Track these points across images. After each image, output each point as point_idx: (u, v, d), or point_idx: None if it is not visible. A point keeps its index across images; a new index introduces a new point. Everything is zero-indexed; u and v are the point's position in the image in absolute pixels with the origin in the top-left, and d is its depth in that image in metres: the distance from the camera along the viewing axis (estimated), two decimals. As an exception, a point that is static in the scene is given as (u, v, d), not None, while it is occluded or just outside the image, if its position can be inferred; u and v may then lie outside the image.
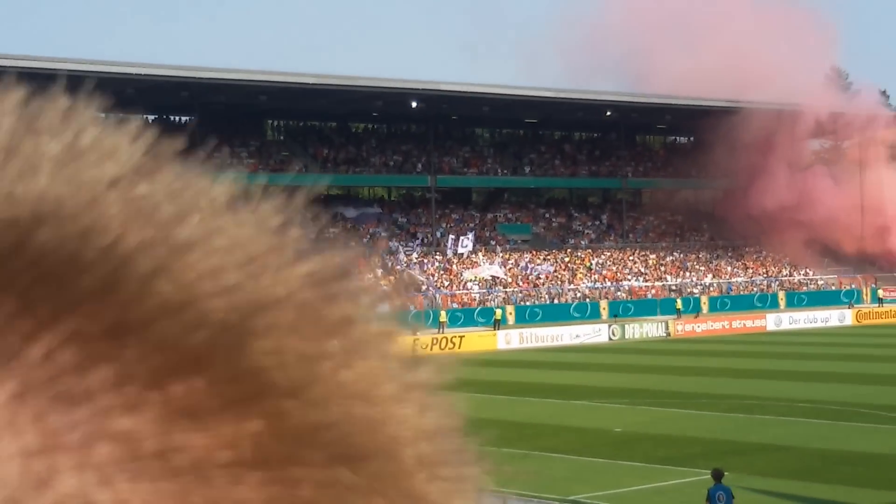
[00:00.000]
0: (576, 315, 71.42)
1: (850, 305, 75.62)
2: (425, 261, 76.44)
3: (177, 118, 78.22)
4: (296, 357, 0.44)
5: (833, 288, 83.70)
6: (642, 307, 74.43)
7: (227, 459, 0.42)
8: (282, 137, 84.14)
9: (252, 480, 0.43)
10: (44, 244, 0.42)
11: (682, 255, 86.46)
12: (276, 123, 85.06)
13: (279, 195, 0.48)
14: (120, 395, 0.42)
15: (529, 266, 78.73)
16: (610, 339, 63.08)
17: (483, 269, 76.14)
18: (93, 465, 0.41)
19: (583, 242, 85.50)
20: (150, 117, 73.49)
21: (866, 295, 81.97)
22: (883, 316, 72.84)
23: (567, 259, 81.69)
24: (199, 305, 0.43)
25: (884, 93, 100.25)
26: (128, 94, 59.19)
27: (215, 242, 0.45)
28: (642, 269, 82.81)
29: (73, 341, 0.42)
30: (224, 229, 0.45)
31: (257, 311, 0.44)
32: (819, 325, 69.40)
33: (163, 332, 0.43)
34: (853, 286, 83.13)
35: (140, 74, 63.67)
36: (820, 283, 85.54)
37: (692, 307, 74.57)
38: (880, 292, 79.84)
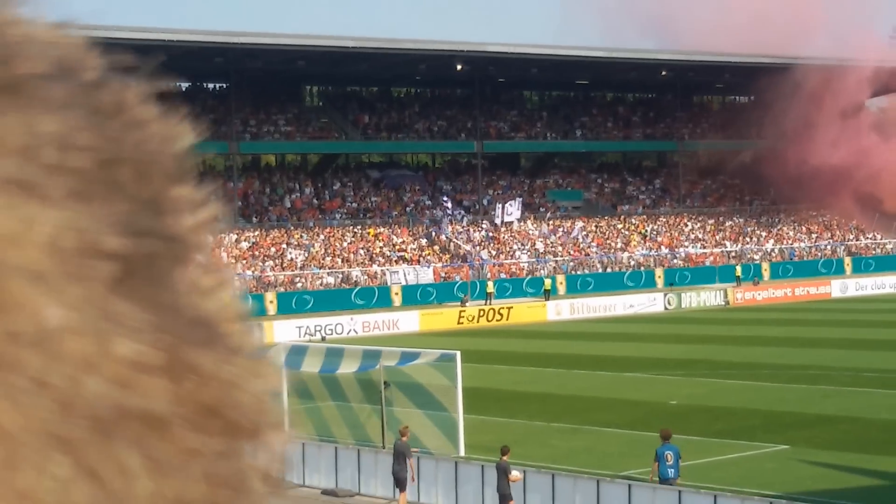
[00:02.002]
0: (630, 284, 70.42)
1: (920, 270, 73.79)
2: (471, 229, 73.72)
3: (211, 85, 76.02)
4: None
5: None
6: (700, 275, 72.82)
7: None
8: (321, 104, 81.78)
9: None
10: None
11: (741, 220, 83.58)
12: (314, 89, 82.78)
13: None
14: None
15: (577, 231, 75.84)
16: (665, 308, 62.04)
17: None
18: None
19: (637, 208, 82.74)
20: (184, 85, 71.31)
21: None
22: (955, 281, 70.89)
23: (620, 225, 79.03)
24: None
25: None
26: (160, 61, 56.77)
27: None
28: (700, 235, 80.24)
29: None
30: None
31: None
32: (887, 290, 67.62)
33: None
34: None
35: (172, 41, 61.03)
36: (888, 247, 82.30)
37: (752, 274, 72.85)
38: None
